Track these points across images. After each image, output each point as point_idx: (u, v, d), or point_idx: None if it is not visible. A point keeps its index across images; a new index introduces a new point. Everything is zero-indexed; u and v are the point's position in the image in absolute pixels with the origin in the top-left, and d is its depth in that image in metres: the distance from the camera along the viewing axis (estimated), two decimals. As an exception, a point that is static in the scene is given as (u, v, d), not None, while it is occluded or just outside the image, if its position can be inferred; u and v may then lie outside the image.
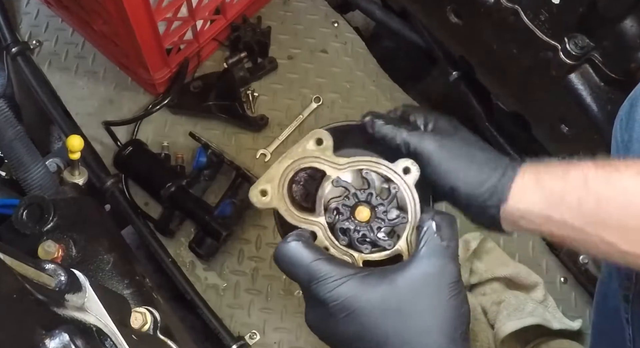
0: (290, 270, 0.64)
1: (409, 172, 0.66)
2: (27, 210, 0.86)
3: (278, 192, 0.68)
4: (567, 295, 1.47)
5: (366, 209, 0.66)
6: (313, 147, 0.68)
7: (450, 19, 1.32)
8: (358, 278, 0.62)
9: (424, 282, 0.62)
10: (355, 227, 0.66)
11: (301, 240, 0.64)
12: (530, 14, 1.15)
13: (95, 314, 0.61)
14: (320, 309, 0.63)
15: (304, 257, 0.63)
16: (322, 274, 0.62)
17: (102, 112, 1.53)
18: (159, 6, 1.30)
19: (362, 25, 1.79)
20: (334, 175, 0.67)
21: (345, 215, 0.66)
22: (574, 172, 0.69)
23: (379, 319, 0.61)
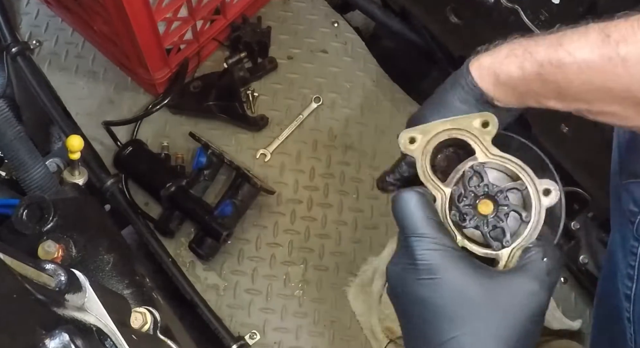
0: (402, 216, 0.65)
1: (548, 195, 0.67)
2: (27, 210, 0.86)
3: (425, 146, 0.68)
4: (567, 295, 1.47)
5: (490, 204, 0.66)
6: (478, 125, 0.68)
7: (450, 19, 1.32)
8: (456, 255, 0.63)
9: (516, 295, 0.62)
10: (471, 216, 0.66)
11: (424, 195, 0.66)
12: (530, 14, 1.15)
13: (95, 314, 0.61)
14: (408, 263, 0.64)
15: (420, 210, 0.64)
16: (427, 232, 0.63)
17: (102, 112, 1.53)
18: (159, 6, 1.30)
19: (362, 25, 1.79)
20: (481, 159, 0.67)
21: (469, 202, 0.66)
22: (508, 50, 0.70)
23: (457, 300, 0.61)
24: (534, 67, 0.67)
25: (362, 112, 1.57)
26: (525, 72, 0.68)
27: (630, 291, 0.89)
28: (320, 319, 1.39)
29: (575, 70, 0.65)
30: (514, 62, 0.68)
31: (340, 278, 1.42)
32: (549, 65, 0.66)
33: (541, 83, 0.67)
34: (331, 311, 1.40)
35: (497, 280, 0.62)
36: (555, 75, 0.66)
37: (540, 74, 0.67)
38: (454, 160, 0.71)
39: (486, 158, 0.67)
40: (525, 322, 0.61)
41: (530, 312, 0.62)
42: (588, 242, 1.44)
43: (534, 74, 0.67)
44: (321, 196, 1.49)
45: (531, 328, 0.62)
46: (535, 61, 0.67)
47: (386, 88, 1.61)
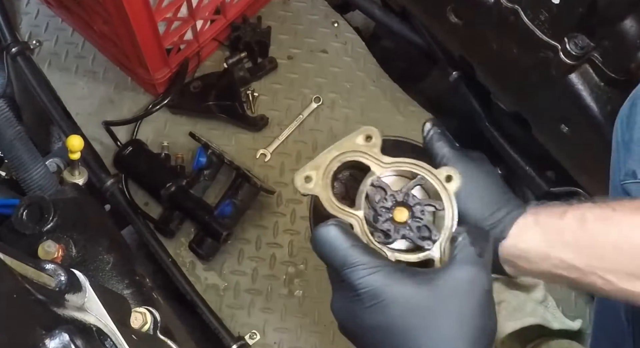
0: (326, 253, 0.64)
1: (450, 181, 0.67)
2: (27, 210, 0.86)
3: (322, 180, 0.67)
4: (567, 295, 1.47)
5: (404, 210, 0.67)
6: (362, 142, 0.68)
7: (450, 19, 1.32)
8: (392, 271, 0.62)
9: (456, 287, 0.62)
10: (395, 228, 0.66)
11: (341, 226, 0.65)
12: (530, 14, 1.15)
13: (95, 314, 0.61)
14: (349, 296, 0.63)
15: (342, 242, 0.63)
16: (358, 260, 0.62)
17: (102, 112, 1.53)
18: (159, 6, 1.30)
19: (362, 25, 1.79)
20: (378, 172, 0.67)
21: (384, 217, 0.67)
22: (572, 211, 0.71)
23: (406, 313, 0.61)
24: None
25: (362, 112, 1.57)
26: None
27: (630, 291, 0.89)
28: (320, 319, 1.39)
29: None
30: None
31: (340, 278, 1.42)
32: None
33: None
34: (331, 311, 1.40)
35: (437, 279, 0.62)
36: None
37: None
38: (352, 182, 0.71)
39: (381, 169, 0.67)
40: (477, 307, 0.62)
41: (477, 297, 0.62)
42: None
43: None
44: (321, 196, 1.49)
45: (485, 310, 0.63)
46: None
47: (386, 88, 1.61)
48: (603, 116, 1.14)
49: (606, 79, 1.12)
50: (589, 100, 1.14)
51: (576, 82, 1.14)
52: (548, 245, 0.70)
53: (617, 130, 0.93)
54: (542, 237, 0.70)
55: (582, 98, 1.15)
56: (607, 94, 1.13)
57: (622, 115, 0.92)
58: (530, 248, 0.71)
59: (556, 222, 0.70)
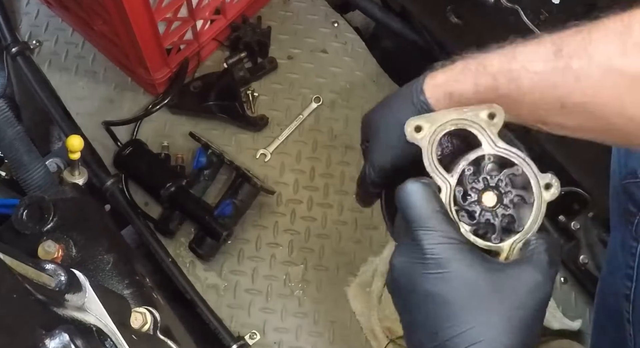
0: (410, 208, 0.64)
1: (549, 189, 0.66)
2: (27, 210, 0.86)
3: (431, 135, 0.67)
4: (567, 295, 1.47)
5: (494, 195, 0.66)
6: (484, 117, 0.67)
7: (450, 19, 1.32)
8: (466, 249, 0.62)
9: (522, 286, 0.62)
10: (477, 209, 0.66)
11: (431, 187, 0.65)
12: (530, 14, 1.15)
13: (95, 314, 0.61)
14: (415, 256, 0.63)
15: (428, 202, 0.63)
16: (437, 225, 0.62)
17: (102, 112, 1.53)
18: (159, 6, 1.30)
19: (362, 25, 1.79)
20: (487, 150, 0.67)
21: (473, 197, 0.66)
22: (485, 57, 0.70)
23: (466, 293, 0.61)
24: (488, 80, 0.66)
25: (362, 112, 1.55)
26: (479, 87, 0.67)
27: (630, 291, 0.89)
28: (320, 319, 1.39)
29: (529, 83, 0.64)
30: (468, 77, 0.68)
31: (340, 278, 1.42)
32: (503, 78, 0.65)
33: (495, 98, 0.66)
34: (331, 311, 1.40)
35: (505, 272, 0.62)
36: (510, 89, 0.65)
37: (494, 88, 0.66)
38: (454, 151, 0.70)
39: (493, 150, 0.66)
40: (533, 311, 0.62)
41: (537, 302, 0.62)
42: (588, 242, 1.44)
43: (488, 88, 0.66)
44: (321, 196, 1.49)
45: (538, 317, 0.63)
46: (489, 74, 0.66)
47: (386, 88, 1.61)
48: (603, 116, 1.14)
49: (606, 79, 1.12)
50: (589, 100, 1.14)
51: (576, 82, 1.14)
52: (478, 79, 0.68)
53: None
54: (472, 76, 0.68)
55: (582, 98, 1.14)
56: (607, 94, 1.13)
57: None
58: (465, 87, 0.69)
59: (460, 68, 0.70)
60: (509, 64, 0.66)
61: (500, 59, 0.67)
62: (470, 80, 0.68)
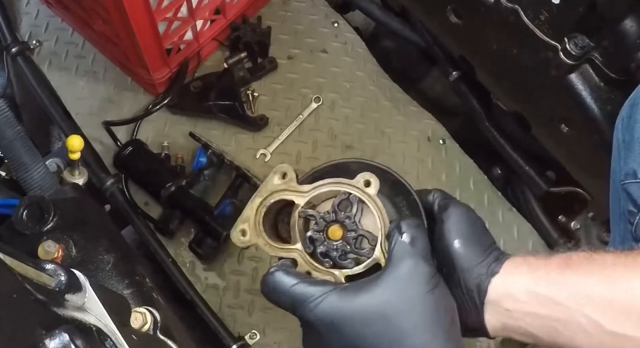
0: (275, 298, 0.68)
1: (369, 185, 0.69)
2: (27, 210, 0.86)
3: (255, 229, 0.72)
4: (567, 295, 1.47)
5: (337, 228, 0.70)
6: (279, 181, 0.72)
7: (450, 19, 1.32)
8: (337, 292, 0.63)
9: (400, 284, 0.63)
10: (334, 247, 0.69)
11: (282, 269, 0.67)
12: (530, 14, 1.15)
13: (95, 314, 0.61)
14: (310, 331, 0.65)
15: (285, 283, 0.66)
16: (303, 296, 0.64)
17: (102, 112, 1.53)
18: (159, 6, 1.30)
19: (362, 25, 1.79)
20: (301, 202, 0.71)
21: (320, 239, 0.70)
22: (558, 254, 0.70)
23: (363, 327, 0.62)
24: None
25: (362, 112, 1.57)
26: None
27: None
28: (320, 319, 1.39)
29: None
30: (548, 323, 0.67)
31: (340, 278, 1.42)
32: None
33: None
34: (331, 311, 1.40)
35: (381, 283, 0.63)
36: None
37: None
38: (287, 219, 0.74)
39: (304, 198, 0.71)
40: (426, 295, 0.63)
41: (423, 285, 0.63)
42: (588, 242, 1.44)
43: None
44: (321, 196, 1.49)
45: (435, 295, 0.63)
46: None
47: (386, 88, 1.61)
48: (603, 116, 1.14)
49: (606, 79, 1.12)
50: (589, 100, 1.14)
51: (576, 82, 1.15)
52: (535, 282, 0.68)
53: (618, 130, 0.93)
54: (530, 274, 0.68)
55: (582, 98, 1.15)
56: (607, 94, 1.13)
57: (623, 115, 0.92)
58: (518, 282, 0.69)
59: (543, 261, 0.69)
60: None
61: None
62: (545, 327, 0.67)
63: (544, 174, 1.46)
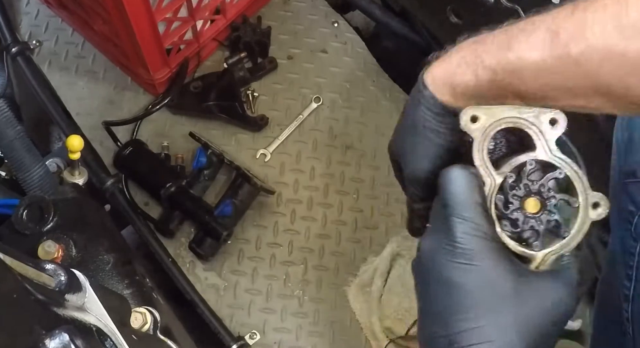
0: (452, 193, 0.62)
1: (596, 208, 0.65)
2: (27, 210, 0.86)
3: (487, 128, 0.64)
4: (567, 295, 1.47)
5: (536, 201, 0.63)
6: (545, 121, 0.64)
7: (450, 19, 1.32)
8: (497, 246, 0.61)
9: (545, 297, 0.61)
10: (523, 219, 0.63)
11: (477, 179, 0.63)
12: (530, 14, 1.15)
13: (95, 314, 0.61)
14: (445, 242, 0.61)
15: (472, 192, 0.62)
16: (474, 217, 0.61)
17: (102, 112, 1.53)
18: (159, 6, 1.30)
19: (362, 25, 1.79)
20: (540, 156, 0.63)
21: (516, 205, 0.63)
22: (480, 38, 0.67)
23: (488, 289, 0.60)
24: (488, 74, 0.64)
25: (362, 112, 1.57)
26: (480, 80, 0.64)
27: (629, 291, 0.89)
28: (320, 319, 1.39)
29: (530, 74, 0.62)
30: (466, 71, 0.65)
31: (340, 278, 1.42)
32: (502, 71, 0.63)
33: (498, 89, 0.64)
34: (331, 311, 1.40)
35: (530, 280, 0.61)
36: (511, 80, 0.63)
37: (495, 81, 0.64)
38: (503, 148, 0.67)
39: (547, 157, 0.63)
40: (549, 325, 0.61)
41: (555, 317, 0.61)
42: (588, 242, 1.43)
43: (489, 81, 0.64)
44: (321, 196, 1.49)
45: (554, 332, 0.62)
46: (488, 68, 0.64)
47: (386, 88, 1.61)
48: (603, 116, 1.14)
49: (606, 79, 1.12)
50: (589, 100, 1.14)
51: (576, 82, 1.14)
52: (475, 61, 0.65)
53: (617, 129, 0.93)
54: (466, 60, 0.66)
55: (582, 98, 1.14)
56: (607, 94, 1.13)
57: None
58: (465, 75, 0.65)
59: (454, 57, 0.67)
60: (506, 55, 0.63)
61: (497, 51, 0.64)
62: (469, 72, 0.65)
63: (544, 173, 1.46)
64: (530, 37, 0.64)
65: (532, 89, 0.63)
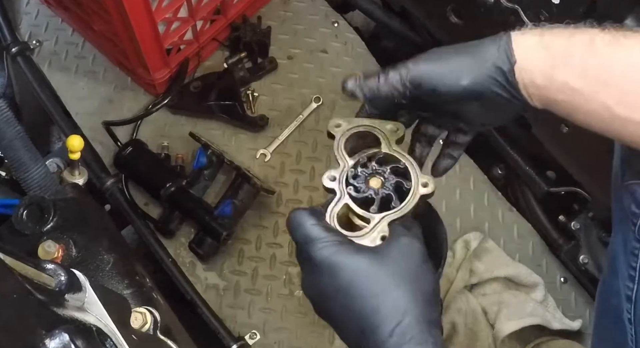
0: (293, 230, 0.73)
1: (426, 186, 0.79)
2: (27, 210, 0.86)
3: (346, 130, 0.83)
4: (567, 295, 1.47)
5: (378, 180, 0.81)
6: (389, 128, 0.83)
7: (450, 19, 1.32)
8: (344, 244, 0.71)
9: (395, 253, 0.71)
10: (366, 188, 0.80)
11: (310, 209, 0.74)
12: (530, 14, 1.15)
13: (95, 314, 0.61)
14: (312, 269, 0.71)
15: (307, 221, 0.73)
16: (316, 236, 0.71)
17: (102, 112, 1.53)
18: (159, 6, 1.30)
19: (362, 25, 1.79)
20: (384, 150, 0.82)
21: (362, 178, 0.81)
22: (580, 34, 0.70)
23: (357, 278, 0.69)
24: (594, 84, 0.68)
25: (362, 112, 1.57)
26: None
27: (632, 292, 0.89)
28: (320, 319, 1.39)
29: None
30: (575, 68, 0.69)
31: (340, 278, 1.42)
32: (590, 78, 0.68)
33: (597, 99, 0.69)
34: (331, 311, 1.40)
35: (380, 250, 0.72)
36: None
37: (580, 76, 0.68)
38: (361, 143, 0.84)
39: (388, 150, 0.82)
40: (414, 268, 0.71)
41: (414, 259, 0.71)
42: (588, 242, 1.44)
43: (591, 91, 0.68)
44: (321, 196, 1.49)
45: (422, 269, 0.71)
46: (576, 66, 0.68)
47: (386, 88, 1.61)
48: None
49: (606, 79, 1.12)
50: (589, 100, 1.14)
51: (576, 82, 1.14)
52: (553, 67, 0.69)
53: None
54: (548, 59, 0.70)
55: (582, 98, 1.14)
56: (607, 94, 1.13)
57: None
58: (535, 72, 0.70)
59: (562, 43, 0.70)
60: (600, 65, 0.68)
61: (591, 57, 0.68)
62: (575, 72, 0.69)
63: (544, 173, 1.46)
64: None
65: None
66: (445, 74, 0.76)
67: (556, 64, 0.69)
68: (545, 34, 0.71)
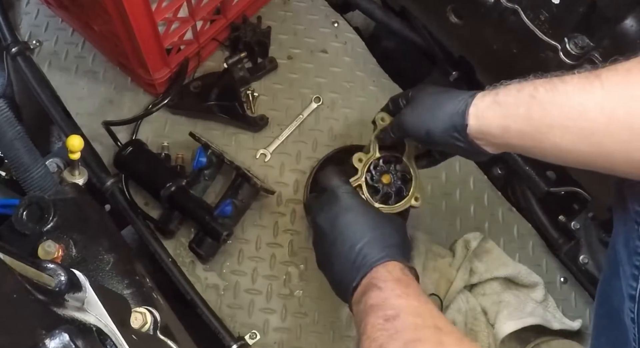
0: (329, 179, 1.07)
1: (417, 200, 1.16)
2: (27, 210, 0.87)
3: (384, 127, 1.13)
4: (567, 295, 1.48)
5: (388, 176, 1.14)
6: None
7: (450, 19, 1.32)
8: (361, 198, 1.08)
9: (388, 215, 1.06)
10: (382, 186, 1.14)
11: (340, 168, 1.10)
12: (530, 14, 1.15)
13: (95, 314, 0.61)
14: (329, 199, 1.04)
15: (339, 176, 1.07)
16: (344, 184, 1.06)
17: (102, 112, 1.53)
18: (159, 6, 1.30)
19: (362, 25, 1.79)
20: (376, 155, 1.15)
21: (377, 179, 1.15)
22: (527, 87, 0.85)
23: (359, 220, 0.99)
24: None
25: (362, 112, 1.57)
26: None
27: (635, 291, 0.89)
28: (320, 319, 1.39)
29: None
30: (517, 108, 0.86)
31: (340, 278, 1.42)
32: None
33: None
34: (331, 311, 1.40)
35: (379, 212, 1.04)
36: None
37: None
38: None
39: (406, 159, 1.15)
40: (392, 228, 1.00)
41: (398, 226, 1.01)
42: (588, 242, 1.44)
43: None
44: (321, 196, 1.49)
45: (398, 232, 1.00)
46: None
47: (386, 88, 1.61)
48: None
49: (606, 79, 1.12)
50: (589, 100, 1.14)
51: (576, 82, 1.14)
52: (506, 119, 0.86)
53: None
54: (500, 113, 0.87)
55: (582, 98, 1.14)
56: (607, 94, 1.13)
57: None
58: (492, 125, 0.88)
59: (511, 97, 0.86)
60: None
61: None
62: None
63: (544, 174, 1.46)
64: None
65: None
66: (420, 127, 0.98)
67: (508, 115, 0.85)
68: (500, 92, 0.88)
